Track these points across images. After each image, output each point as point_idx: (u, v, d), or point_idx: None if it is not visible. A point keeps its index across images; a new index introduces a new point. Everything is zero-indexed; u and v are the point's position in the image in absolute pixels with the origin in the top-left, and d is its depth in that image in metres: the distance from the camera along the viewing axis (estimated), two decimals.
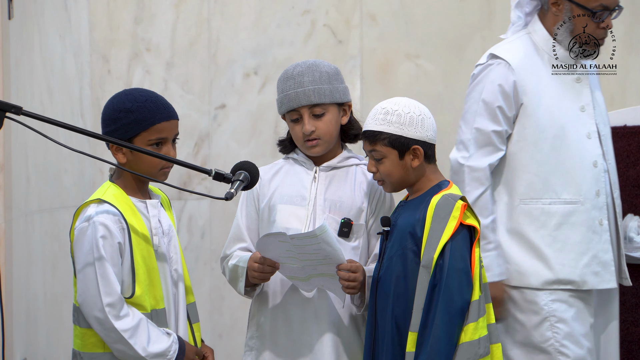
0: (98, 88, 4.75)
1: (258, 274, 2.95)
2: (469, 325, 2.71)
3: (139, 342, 2.72)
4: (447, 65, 4.52)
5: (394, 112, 2.86)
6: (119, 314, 2.71)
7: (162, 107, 2.83)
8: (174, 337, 2.80)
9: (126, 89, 2.91)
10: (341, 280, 2.89)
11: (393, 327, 2.81)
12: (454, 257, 2.73)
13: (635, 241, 3.80)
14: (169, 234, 2.90)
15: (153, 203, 2.87)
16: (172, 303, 2.86)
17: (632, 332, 3.75)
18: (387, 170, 2.88)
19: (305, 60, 3.08)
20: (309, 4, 4.58)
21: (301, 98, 2.98)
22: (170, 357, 2.76)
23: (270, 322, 3.05)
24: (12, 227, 5.72)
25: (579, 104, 3.34)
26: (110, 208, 2.76)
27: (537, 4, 3.40)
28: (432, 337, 2.68)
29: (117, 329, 2.70)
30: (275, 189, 3.07)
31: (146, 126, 2.80)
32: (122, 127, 2.80)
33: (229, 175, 2.74)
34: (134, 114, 2.79)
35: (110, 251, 2.72)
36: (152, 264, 2.80)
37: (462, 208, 2.77)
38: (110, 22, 4.73)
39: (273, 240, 2.86)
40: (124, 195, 2.82)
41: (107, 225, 2.73)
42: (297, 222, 3.01)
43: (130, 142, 2.79)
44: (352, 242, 3.02)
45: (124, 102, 2.82)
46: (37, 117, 2.53)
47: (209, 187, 4.19)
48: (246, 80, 4.61)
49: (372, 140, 2.87)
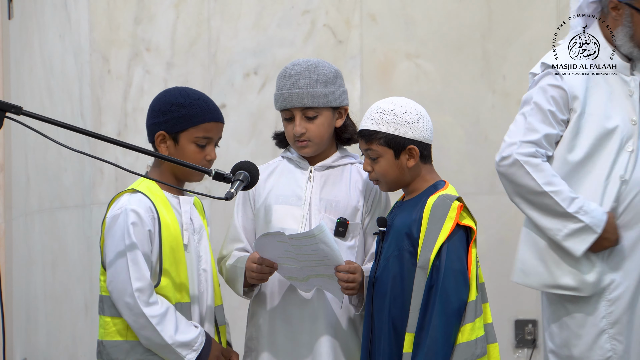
0: (98, 88, 4.76)
1: (256, 275, 2.95)
2: (466, 325, 2.71)
3: (167, 330, 2.74)
4: (447, 65, 4.52)
5: (390, 112, 2.86)
6: (148, 300, 2.73)
7: (213, 108, 2.90)
8: (201, 329, 2.82)
9: (179, 86, 2.97)
10: (340, 282, 2.89)
11: (390, 328, 2.82)
12: (450, 258, 2.73)
13: None
14: (200, 232, 2.93)
15: (186, 199, 2.90)
16: (198, 300, 2.88)
17: None
18: (382, 169, 2.88)
19: (307, 59, 3.07)
20: (309, 4, 4.58)
21: (294, 99, 2.98)
22: (196, 349, 2.78)
23: (268, 322, 3.05)
24: (12, 227, 5.72)
25: (630, 116, 3.31)
26: (143, 197, 2.80)
27: (596, 6, 3.38)
28: (429, 339, 2.68)
29: (146, 314, 2.72)
30: (271, 189, 3.06)
31: (196, 122, 2.85)
32: (172, 119, 2.85)
33: (229, 175, 2.75)
34: (186, 108, 2.84)
35: (141, 238, 2.76)
36: (180, 257, 2.82)
37: (459, 209, 2.77)
38: (110, 22, 4.73)
39: (271, 240, 2.86)
40: (158, 189, 2.86)
41: (139, 213, 2.77)
42: (293, 222, 3.01)
43: (176, 136, 2.85)
44: (349, 241, 3.02)
45: (177, 96, 2.87)
46: (37, 117, 2.53)
47: (209, 187, 4.19)
48: (246, 80, 4.61)
49: (368, 139, 2.87)
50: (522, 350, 4.54)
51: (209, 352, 2.81)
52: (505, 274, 4.53)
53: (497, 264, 4.51)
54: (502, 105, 4.51)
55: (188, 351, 2.77)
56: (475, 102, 4.53)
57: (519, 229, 3.44)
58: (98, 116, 4.79)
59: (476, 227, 2.81)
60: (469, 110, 4.53)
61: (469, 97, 4.53)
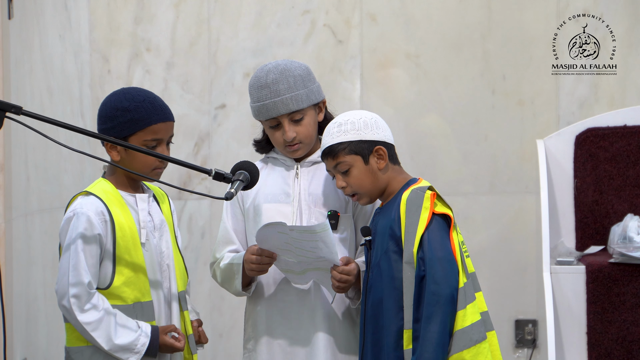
0: (98, 88, 4.75)
1: (256, 266, 2.95)
2: (458, 313, 2.71)
3: (103, 335, 2.73)
4: (447, 65, 4.52)
5: (346, 122, 2.87)
6: (83, 306, 2.73)
7: (159, 108, 2.85)
8: (143, 330, 2.79)
9: (124, 88, 2.93)
10: (333, 279, 2.89)
11: (381, 333, 2.81)
12: (433, 247, 2.72)
13: (635, 241, 3.80)
14: (161, 228, 2.91)
15: (142, 197, 2.89)
16: (163, 295, 2.88)
17: (632, 332, 3.75)
18: (356, 179, 2.87)
19: (275, 63, 3.03)
20: (309, 4, 4.57)
21: (279, 107, 2.98)
22: (137, 351, 2.77)
23: (265, 320, 3.05)
24: (12, 227, 5.72)
25: None
26: (95, 200, 2.79)
27: None
28: (425, 330, 2.68)
29: (80, 321, 2.73)
30: (259, 189, 3.06)
31: (142, 126, 2.82)
32: (118, 125, 2.81)
33: (229, 175, 2.75)
34: (131, 113, 2.81)
35: (88, 242, 2.75)
36: (138, 257, 2.81)
37: (432, 197, 2.77)
38: (110, 22, 4.73)
39: (272, 231, 2.86)
40: (114, 189, 2.85)
41: (89, 216, 2.76)
42: (283, 219, 3.00)
43: (125, 140, 2.81)
44: (340, 233, 3.03)
45: (122, 100, 2.83)
46: (37, 117, 2.53)
47: (209, 187, 4.19)
48: (246, 80, 4.61)
49: (334, 154, 2.87)
50: (522, 350, 4.54)
51: (157, 346, 2.80)
52: (505, 274, 4.54)
53: (497, 264, 4.52)
54: (502, 105, 4.51)
55: (129, 354, 2.76)
56: (475, 102, 4.52)
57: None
58: None
59: (452, 213, 2.80)
60: (469, 110, 4.53)
61: (469, 97, 4.53)
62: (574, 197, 4.17)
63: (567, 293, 3.81)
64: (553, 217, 4.10)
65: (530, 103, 4.49)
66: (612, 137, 3.64)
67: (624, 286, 3.72)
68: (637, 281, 3.74)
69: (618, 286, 3.74)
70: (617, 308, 3.75)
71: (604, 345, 3.77)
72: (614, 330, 3.76)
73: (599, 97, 4.39)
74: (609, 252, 3.90)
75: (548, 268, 3.84)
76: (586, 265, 3.82)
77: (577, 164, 4.15)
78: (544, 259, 3.86)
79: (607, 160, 4.11)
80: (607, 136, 4.10)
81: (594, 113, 4.34)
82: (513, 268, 4.52)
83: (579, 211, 4.16)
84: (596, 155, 4.12)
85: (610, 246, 3.90)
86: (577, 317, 3.81)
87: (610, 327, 3.76)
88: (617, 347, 3.75)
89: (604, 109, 4.37)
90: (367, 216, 3.05)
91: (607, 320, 3.76)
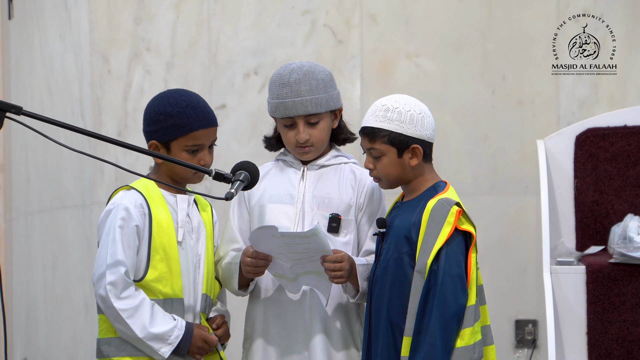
0: (98, 88, 4.75)
1: (251, 268, 2.95)
2: (466, 330, 2.70)
3: (138, 323, 2.75)
4: (447, 65, 4.52)
5: (394, 110, 2.83)
6: (119, 294, 2.75)
7: (202, 114, 2.90)
8: (179, 323, 2.81)
9: (170, 90, 2.97)
10: (327, 272, 2.89)
11: (388, 330, 2.81)
12: (449, 263, 2.71)
13: (635, 241, 3.80)
14: (198, 231, 2.94)
15: (183, 198, 2.92)
16: (193, 297, 2.89)
17: (632, 332, 3.75)
18: (385, 168, 2.85)
19: (300, 63, 3.03)
20: (309, 4, 4.58)
21: (298, 108, 2.98)
22: (171, 342, 2.78)
23: (262, 320, 3.06)
24: (12, 227, 5.72)
25: None
26: (136, 194, 2.85)
27: None
28: (427, 344, 2.67)
29: (116, 308, 2.74)
30: (265, 189, 3.07)
31: (184, 132, 2.87)
32: (162, 129, 2.87)
33: (229, 175, 2.75)
34: (173, 118, 2.86)
35: (126, 233, 2.79)
36: (173, 254, 2.84)
37: (457, 214, 2.74)
38: (110, 22, 4.73)
39: (265, 234, 2.87)
40: (155, 187, 2.89)
41: (128, 208, 2.81)
42: (286, 220, 3.01)
43: (167, 144, 2.87)
44: (343, 237, 3.02)
45: (165, 105, 2.88)
46: (37, 117, 2.53)
47: (209, 187, 4.19)
48: (246, 80, 4.61)
49: (372, 137, 2.84)
50: (522, 350, 4.54)
51: (188, 345, 2.81)
52: (505, 274, 4.55)
53: (497, 264, 4.52)
54: (502, 105, 4.51)
55: (162, 344, 2.77)
56: (475, 102, 4.53)
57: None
58: (98, 116, 4.79)
59: (475, 232, 2.79)
60: (469, 110, 4.53)
61: (469, 97, 4.53)
62: (574, 197, 4.17)
63: (567, 293, 3.81)
64: (553, 217, 4.10)
65: (530, 103, 4.49)
66: (612, 137, 3.64)
67: (624, 286, 3.73)
68: (637, 281, 3.74)
69: (618, 286, 3.74)
70: (617, 308, 3.75)
71: (604, 345, 3.77)
72: (614, 330, 3.76)
73: (599, 97, 4.39)
74: (609, 252, 3.90)
75: (548, 268, 3.84)
76: (586, 266, 3.82)
77: (577, 164, 4.15)
78: (544, 259, 3.86)
79: (607, 161, 4.11)
80: (607, 136, 4.11)
81: (594, 113, 4.34)
82: (513, 268, 4.52)
83: (579, 211, 4.16)
84: (596, 155, 4.12)
85: (610, 246, 3.90)
86: (577, 317, 3.81)
87: (611, 327, 3.76)
88: (617, 347, 3.75)
89: (604, 109, 4.37)
90: (373, 216, 3.03)
91: (607, 320, 3.76)
